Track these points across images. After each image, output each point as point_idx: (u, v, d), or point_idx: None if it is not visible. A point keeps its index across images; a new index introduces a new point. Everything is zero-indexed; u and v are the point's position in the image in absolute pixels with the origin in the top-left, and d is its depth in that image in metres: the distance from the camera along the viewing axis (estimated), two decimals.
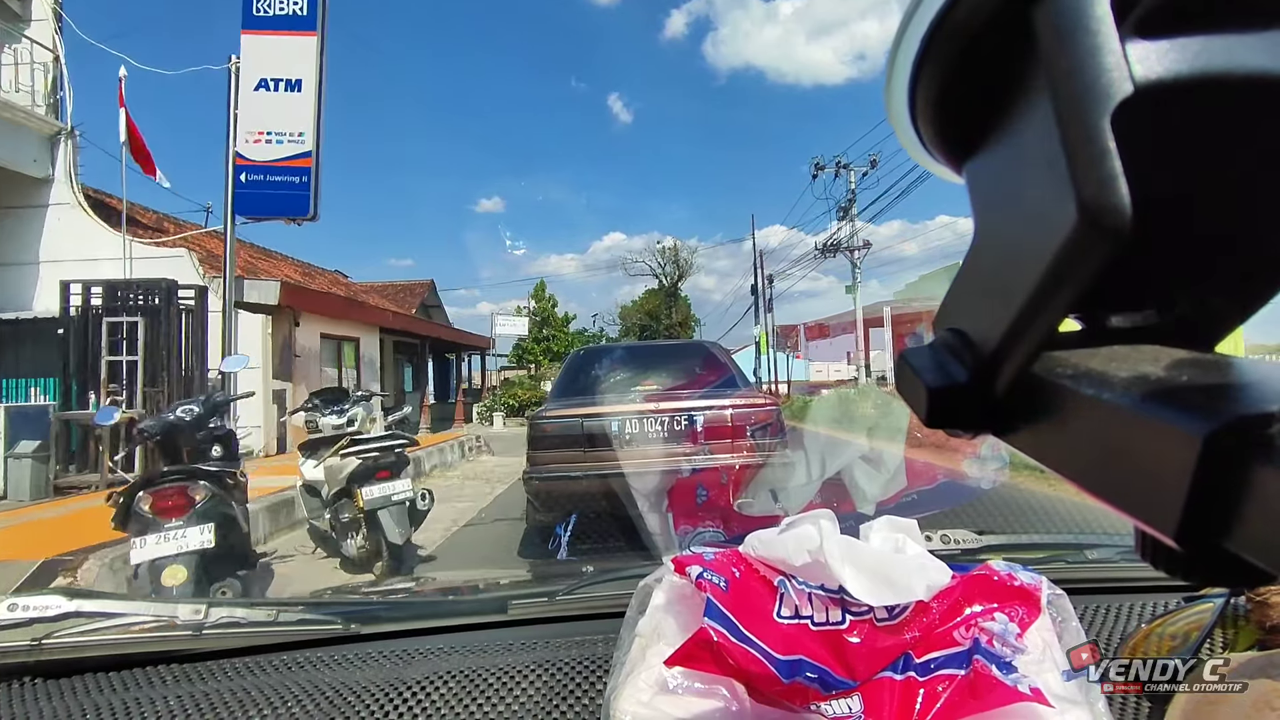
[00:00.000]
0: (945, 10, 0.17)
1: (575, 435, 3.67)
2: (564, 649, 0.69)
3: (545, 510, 3.74)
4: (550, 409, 4.00)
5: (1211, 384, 0.15)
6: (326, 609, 0.81)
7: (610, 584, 0.83)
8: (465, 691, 0.63)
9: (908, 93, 0.19)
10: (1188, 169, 0.17)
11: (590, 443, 3.64)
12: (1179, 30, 0.16)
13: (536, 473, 3.70)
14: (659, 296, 45.20)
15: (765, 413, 3.68)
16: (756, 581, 0.52)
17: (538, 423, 3.85)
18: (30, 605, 0.68)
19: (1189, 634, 0.60)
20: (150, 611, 0.72)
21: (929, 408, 0.19)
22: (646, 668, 0.50)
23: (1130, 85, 0.15)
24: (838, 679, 0.47)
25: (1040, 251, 0.16)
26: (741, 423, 3.61)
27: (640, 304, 45.93)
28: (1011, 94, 0.17)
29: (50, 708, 0.61)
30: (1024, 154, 0.17)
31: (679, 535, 2.45)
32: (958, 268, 0.20)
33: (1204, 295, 0.18)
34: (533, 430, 3.83)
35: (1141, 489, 0.15)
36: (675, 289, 45.50)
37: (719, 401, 3.72)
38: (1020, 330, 0.17)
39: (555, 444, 3.71)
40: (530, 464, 3.76)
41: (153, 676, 0.67)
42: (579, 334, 39.50)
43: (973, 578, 0.52)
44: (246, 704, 0.61)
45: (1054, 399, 0.17)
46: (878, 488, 1.50)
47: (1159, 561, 0.16)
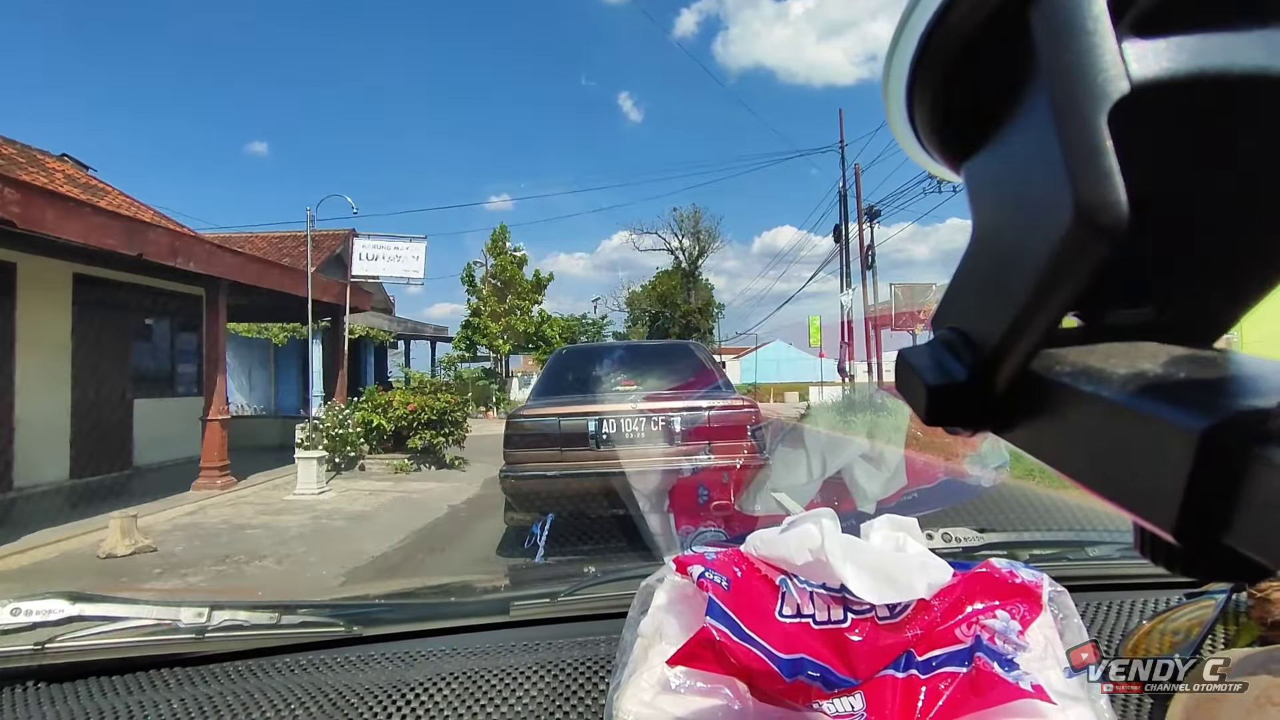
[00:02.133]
0: (942, 10, 0.18)
1: (551, 434, 3.70)
2: (566, 650, 0.69)
3: (521, 509, 3.77)
4: (527, 408, 4.03)
5: (1209, 379, 0.15)
6: (329, 611, 0.81)
7: (612, 584, 0.83)
8: (468, 693, 0.63)
9: (905, 93, 0.20)
10: (1184, 167, 0.17)
11: (566, 442, 3.66)
12: (1175, 29, 0.16)
13: (513, 471, 3.72)
14: (675, 277, 37.94)
15: (744, 415, 3.68)
16: (758, 581, 0.52)
17: (515, 421, 3.87)
18: (33, 609, 0.68)
19: (1190, 630, 0.60)
20: (153, 615, 0.72)
21: (928, 406, 0.19)
22: (649, 668, 0.50)
23: (1127, 84, 0.15)
24: (840, 677, 0.47)
25: (1038, 250, 0.16)
26: (719, 424, 3.61)
27: (651, 287, 38.56)
28: (1008, 93, 0.18)
29: (54, 712, 0.61)
30: (1021, 153, 0.17)
31: (680, 535, 2.44)
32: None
33: (1201, 292, 0.19)
34: (510, 429, 3.85)
35: (1140, 485, 0.15)
36: (695, 267, 37.90)
37: (697, 403, 3.73)
38: (1019, 328, 0.17)
39: (531, 443, 3.73)
40: (507, 463, 3.78)
41: (156, 680, 0.67)
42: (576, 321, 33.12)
43: (974, 575, 0.52)
44: (250, 707, 0.62)
45: (1053, 396, 0.17)
46: (878, 486, 1.50)
47: (1159, 558, 0.16)
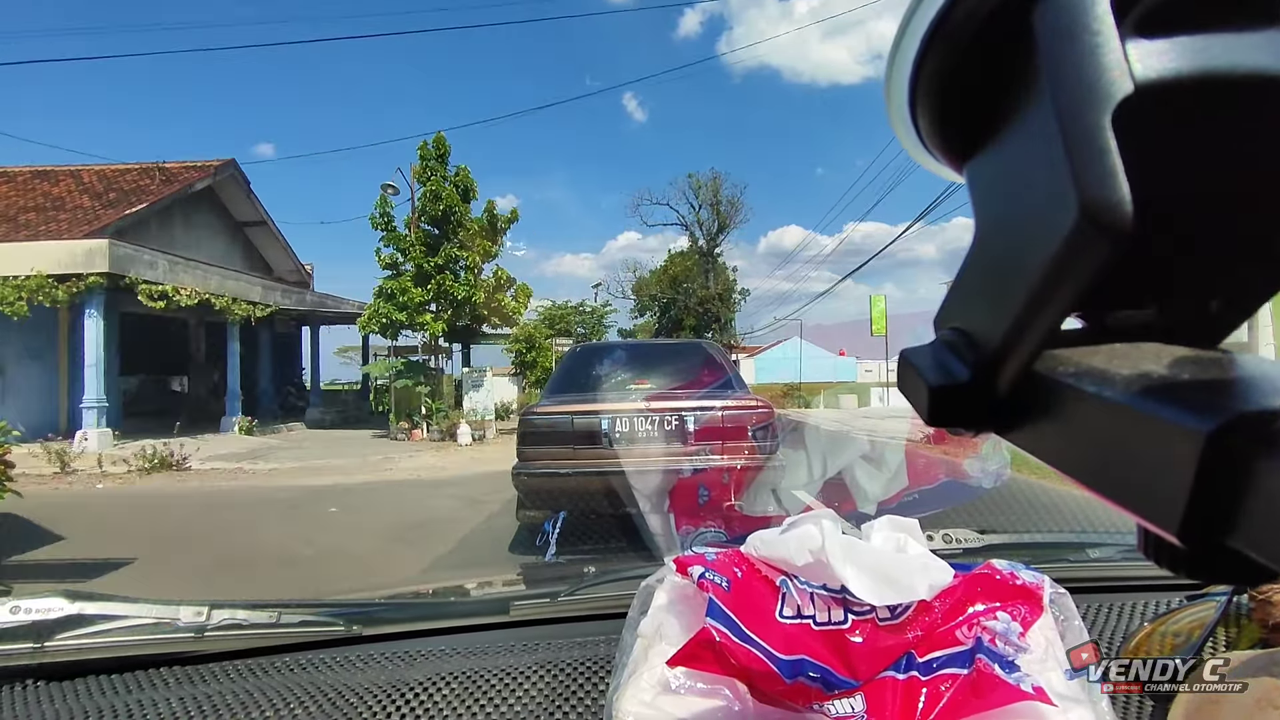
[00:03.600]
0: (945, 10, 0.17)
1: (564, 432, 3.70)
2: (566, 650, 0.69)
3: (533, 506, 3.78)
4: (541, 405, 4.03)
5: (1214, 381, 0.15)
6: (328, 611, 0.81)
7: (612, 584, 0.83)
8: (467, 692, 0.63)
9: (908, 93, 0.19)
10: (1188, 167, 0.17)
11: (579, 440, 3.67)
12: (1179, 29, 0.16)
13: (526, 468, 3.73)
14: (690, 258, 31.65)
15: (758, 415, 3.69)
16: (758, 581, 0.52)
17: (528, 418, 3.88)
18: (32, 608, 0.68)
19: (1192, 632, 0.60)
20: (152, 614, 0.72)
21: (931, 406, 0.19)
22: (649, 668, 0.50)
23: (1131, 84, 0.15)
24: (840, 679, 0.47)
25: (1042, 250, 0.16)
26: (733, 424, 3.62)
27: (663, 270, 32.38)
28: (1012, 93, 0.17)
29: (53, 710, 0.61)
30: (1025, 153, 0.17)
31: (681, 536, 2.45)
32: None
33: (1205, 293, 0.18)
34: (523, 426, 3.86)
35: (1144, 486, 0.15)
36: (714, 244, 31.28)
37: (711, 403, 3.74)
38: (1022, 328, 0.17)
39: (544, 440, 3.74)
40: (520, 459, 3.79)
41: (155, 679, 0.67)
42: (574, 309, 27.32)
43: (975, 577, 0.52)
44: (249, 706, 0.62)
45: (1056, 397, 0.17)
46: (879, 487, 1.50)
47: (1162, 559, 0.16)
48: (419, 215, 13.48)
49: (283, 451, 10.45)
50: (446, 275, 13.22)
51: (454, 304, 13.46)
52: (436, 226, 13.60)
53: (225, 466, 8.78)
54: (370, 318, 13.24)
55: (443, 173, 13.62)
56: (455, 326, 14.18)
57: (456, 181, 13.70)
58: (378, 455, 9.95)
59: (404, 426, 12.82)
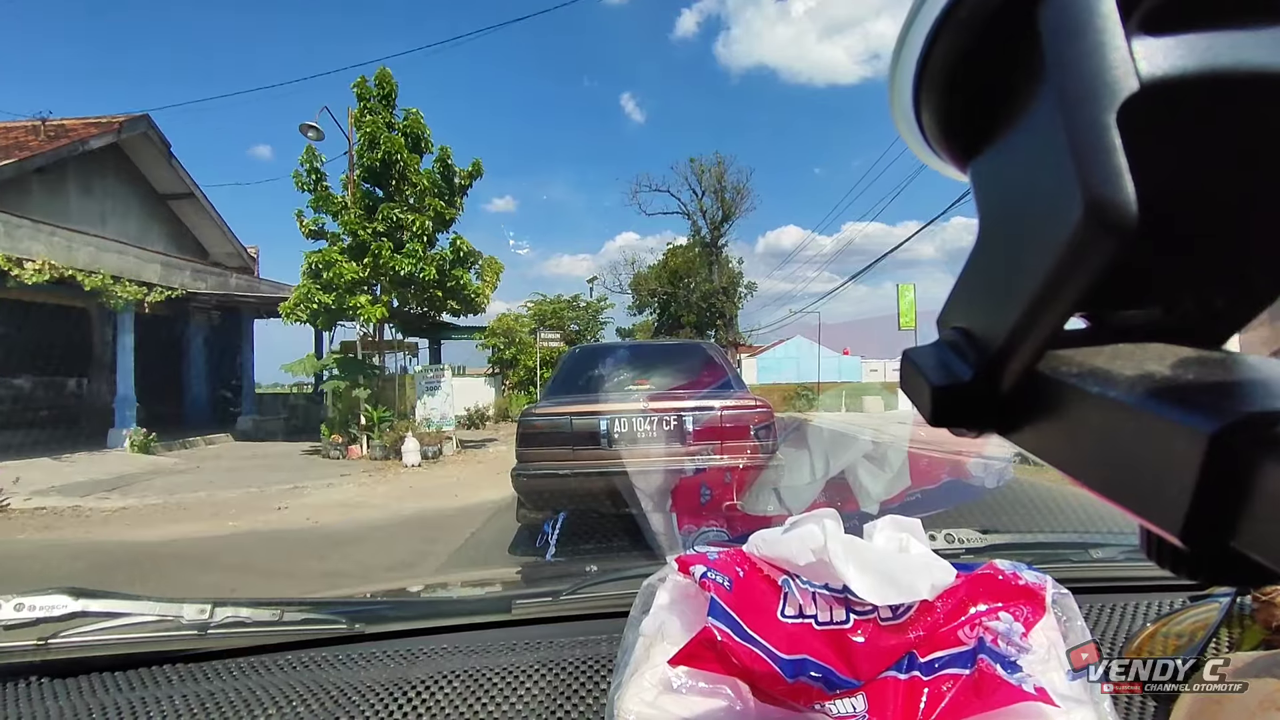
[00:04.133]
0: (949, 8, 0.17)
1: (564, 433, 3.70)
2: (568, 649, 0.69)
3: (533, 508, 3.79)
4: (540, 406, 4.04)
5: (1218, 381, 0.15)
6: (331, 609, 0.81)
7: (614, 583, 0.83)
8: (469, 691, 0.63)
9: (912, 91, 0.19)
10: (1193, 166, 0.17)
11: (579, 440, 3.67)
12: (1185, 27, 0.16)
13: (525, 470, 3.73)
14: (691, 250, 28.97)
15: (758, 415, 3.69)
16: (760, 581, 0.52)
17: (528, 419, 3.88)
18: (36, 605, 0.68)
19: (1194, 633, 0.60)
20: (155, 611, 0.72)
21: (933, 406, 0.19)
22: (650, 667, 0.50)
23: (1136, 82, 0.15)
24: (842, 678, 0.47)
25: (1046, 249, 0.16)
26: (733, 424, 3.62)
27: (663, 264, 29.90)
28: (1016, 91, 0.17)
29: (56, 707, 0.62)
30: (1029, 151, 0.17)
31: (683, 535, 2.45)
32: None
33: (1210, 293, 0.18)
34: (523, 427, 3.86)
35: (1147, 487, 0.15)
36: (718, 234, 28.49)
37: (711, 403, 3.74)
38: (1025, 328, 0.17)
39: (544, 441, 3.74)
40: (520, 461, 3.79)
41: (158, 676, 0.67)
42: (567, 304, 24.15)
43: (977, 577, 0.52)
44: (251, 703, 0.62)
45: (1059, 397, 0.17)
46: (881, 487, 1.50)
47: (1165, 560, 0.16)
48: (355, 170, 10.19)
49: (167, 478, 7.85)
50: (385, 244, 9.67)
51: (397, 282, 9.99)
52: (376, 184, 10.21)
53: (58, 505, 6.29)
54: (296, 304, 9.92)
55: (388, 117, 10.24)
56: (404, 313, 10.96)
57: (405, 128, 10.22)
58: (287, 484, 7.36)
59: (337, 441, 10.10)
